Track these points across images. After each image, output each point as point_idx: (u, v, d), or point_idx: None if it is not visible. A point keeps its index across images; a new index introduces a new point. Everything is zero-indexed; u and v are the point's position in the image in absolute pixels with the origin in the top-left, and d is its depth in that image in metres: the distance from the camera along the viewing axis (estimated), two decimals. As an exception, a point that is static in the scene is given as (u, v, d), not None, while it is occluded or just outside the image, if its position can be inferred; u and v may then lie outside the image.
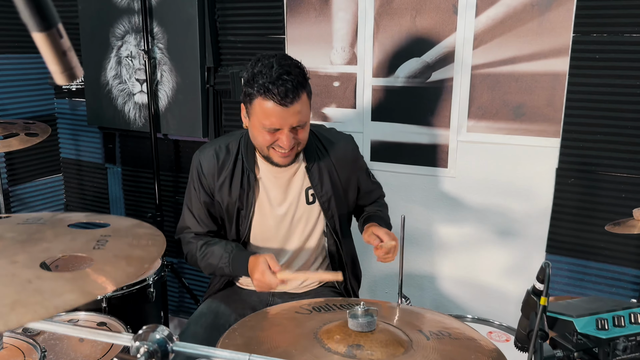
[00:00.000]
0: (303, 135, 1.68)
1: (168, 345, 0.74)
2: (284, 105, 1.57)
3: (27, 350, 1.53)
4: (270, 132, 1.63)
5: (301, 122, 1.63)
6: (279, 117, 1.59)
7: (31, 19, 0.49)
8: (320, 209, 1.85)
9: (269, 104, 1.58)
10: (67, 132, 3.33)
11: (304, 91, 1.62)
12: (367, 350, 0.99)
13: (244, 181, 1.79)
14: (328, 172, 1.84)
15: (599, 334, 0.95)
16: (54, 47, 0.52)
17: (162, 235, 0.89)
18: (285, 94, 1.56)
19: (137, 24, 2.77)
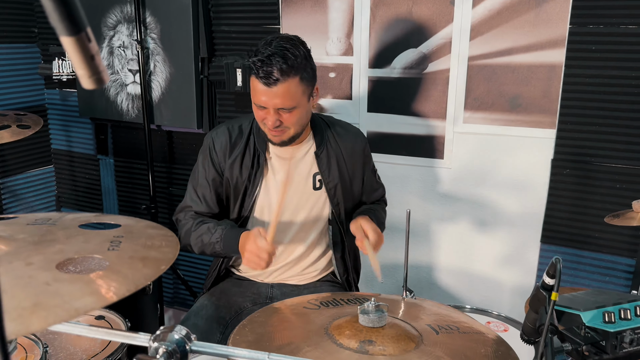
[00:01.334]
0: (290, 119, 1.68)
1: (187, 346, 0.73)
2: (267, 85, 1.61)
3: (28, 347, 1.52)
4: (260, 108, 1.68)
5: (285, 105, 1.64)
6: (264, 95, 1.64)
7: (60, 23, 0.48)
8: (326, 195, 1.86)
9: (256, 82, 1.64)
10: (58, 123, 3.28)
11: (296, 76, 1.63)
12: (379, 345, 1.00)
13: (254, 161, 1.82)
14: (336, 161, 1.86)
15: (606, 327, 0.97)
16: (83, 52, 0.51)
17: (175, 236, 0.89)
18: (268, 75, 1.60)
19: (130, 14, 2.73)
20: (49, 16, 0.48)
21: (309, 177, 1.86)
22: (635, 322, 0.98)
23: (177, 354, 0.72)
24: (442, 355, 0.98)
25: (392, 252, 2.64)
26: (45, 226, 0.86)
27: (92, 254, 0.77)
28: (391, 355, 0.97)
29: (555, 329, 0.91)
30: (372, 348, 0.99)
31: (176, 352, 0.72)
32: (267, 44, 1.65)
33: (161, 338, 0.73)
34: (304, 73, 1.66)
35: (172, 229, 3.20)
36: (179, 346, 0.73)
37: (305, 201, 1.87)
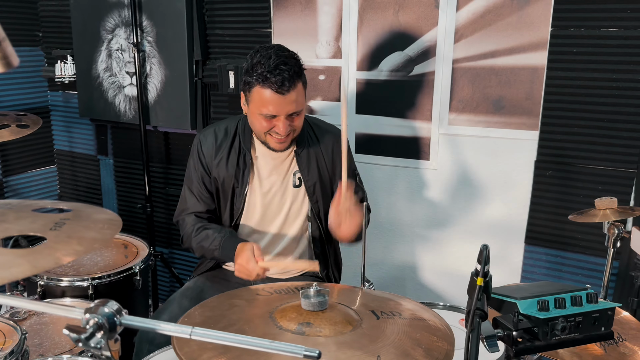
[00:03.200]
0: (298, 122, 1.78)
1: (116, 319, 0.78)
2: (281, 93, 1.67)
3: (8, 333, 1.59)
4: (268, 119, 1.73)
5: (297, 109, 1.73)
6: (276, 104, 1.69)
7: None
8: (305, 192, 1.91)
9: (266, 92, 1.68)
10: (61, 124, 3.38)
11: (300, 81, 1.72)
12: (316, 327, 1.04)
13: (240, 160, 1.89)
14: (316, 159, 1.92)
15: (539, 314, 0.99)
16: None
17: (120, 220, 0.94)
18: (282, 83, 1.66)
19: (127, 18, 2.81)
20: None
21: (289, 175, 1.92)
22: (570, 311, 1.01)
23: (105, 326, 0.77)
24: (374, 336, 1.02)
25: (379, 251, 2.67)
26: (2, 209, 0.92)
27: (33, 233, 0.82)
28: (325, 336, 1.01)
29: (485, 314, 0.94)
30: (309, 329, 1.03)
31: (105, 324, 0.77)
32: (266, 56, 1.70)
33: (93, 311, 0.78)
34: (303, 77, 1.77)
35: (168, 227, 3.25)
36: (109, 319, 0.78)
37: (286, 198, 1.92)
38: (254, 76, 1.69)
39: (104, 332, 0.77)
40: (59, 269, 2.32)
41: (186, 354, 0.94)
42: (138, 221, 3.21)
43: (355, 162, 2.19)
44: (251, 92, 1.73)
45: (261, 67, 1.68)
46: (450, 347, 1.02)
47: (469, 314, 0.94)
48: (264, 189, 1.92)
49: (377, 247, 2.67)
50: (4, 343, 1.53)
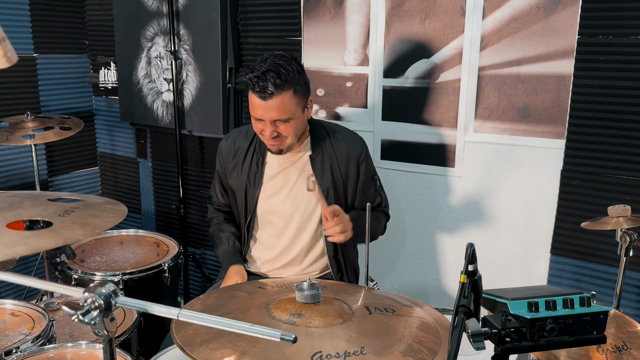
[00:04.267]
0: (286, 129, 1.81)
1: (112, 299, 0.85)
2: (263, 99, 1.74)
3: (37, 319, 1.69)
4: (257, 121, 1.81)
5: (281, 117, 1.77)
6: (260, 109, 1.76)
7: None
8: None
9: (253, 97, 1.77)
10: (104, 128, 3.55)
11: (289, 89, 1.75)
12: (307, 318, 1.08)
13: (253, 163, 1.99)
14: (330, 164, 1.96)
15: (527, 314, 1.00)
16: (-7, 37, 0.64)
17: (126, 210, 1.01)
18: (264, 90, 1.73)
19: (165, 27, 2.94)
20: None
21: (302, 179, 1.97)
22: (560, 313, 1.01)
23: (102, 305, 0.84)
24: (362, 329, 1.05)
25: (403, 257, 2.68)
26: (21, 198, 1.01)
27: (41, 217, 0.90)
28: (315, 327, 1.05)
29: (470, 311, 0.96)
30: (299, 320, 1.07)
31: (102, 304, 0.84)
32: (262, 61, 1.79)
33: (92, 290, 0.85)
34: (297, 87, 1.79)
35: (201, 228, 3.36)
36: (105, 299, 0.84)
37: (299, 202, 1.97)
38: (246, 79, 1.78)
39: (99, 311, 0.83)
40: (93, 264, 2.45)
41: (182, 338, 0.99)
42: (173, 222, 3.33)
43: (381, 168, 2.23)
44: (248, 94, 1.82)
45: (252, 71, 1.76)
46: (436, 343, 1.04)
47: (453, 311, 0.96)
48: (276, 192, 1.98)
49: (401, 253, 2.68)
50: (33, 328, 1.64)
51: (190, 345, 0.96)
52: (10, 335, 1.60)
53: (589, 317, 1.02)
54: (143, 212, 3.53)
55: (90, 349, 1.56)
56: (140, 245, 2.69)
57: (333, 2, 2.61)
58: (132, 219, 3.59)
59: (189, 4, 2.86)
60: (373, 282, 1.56)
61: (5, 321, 1.69)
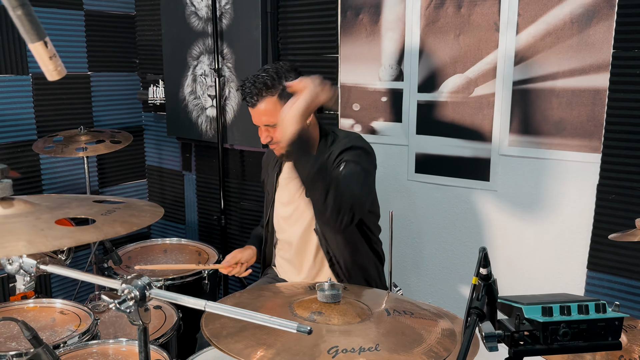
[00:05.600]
0: (276, 134, 1.89)
1: (146, 291, 0.94)
2: (248, 105, 1.89)
3: (84, 317, 1.81)
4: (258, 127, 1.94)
5: (269, 122, 1.87)
6: (252, 115, 1.91)
7: (27, 33, 0.71)
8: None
9: None
10: (152, 142, 3.73)
11: (271, 95, 1.84)
12: (327, 316, 1.14)
13: (273, 171, 2.13)
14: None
15: (541, 319, 1.03)
16: (46, 53, 0.74)
17: (162, 211, 1.10)
18: (245, 96, 1.88)
19: (210, 46, 3.09)
20: (21, 31, 0.71)
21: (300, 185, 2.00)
22: (574, 318, 1.03)
23: (137, 296, 0.92)
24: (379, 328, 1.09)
25: (437, 270, 2.70)
26: (69, 200, 1.11)
27: (86, 216, 0.99)
28: (333, 324, 1.10)
29: (482, 313, 0.99)
30: (319, 318, 1.13)
31: (137, 294, 0.92)
32: (255, 73, 1.92)
33: (129, 282, 0.94)
34: (282, 92, 1.85)
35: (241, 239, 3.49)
36: (140, 290, 0.93)
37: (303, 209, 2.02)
38: None
39: (135, 301, 0.92)
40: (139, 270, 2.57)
41: (210, 330, 1.07)
42: (214, 232, 3.45)
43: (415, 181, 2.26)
44: None
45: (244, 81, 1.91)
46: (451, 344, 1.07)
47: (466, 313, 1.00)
48: (287, 200, 2.08)
49: (435, 266, 2.70)
50: (79, 325, 1.75)
51: (217, 337, 1.03)
52: (59, 331, 1.73)
53: (603, 323, 1.04)
54: (187, 222, 3.67)
55: (130, 345, 1.66)
56: (183, 253, 2.81)
57: (369, 20, 2.69)
58: (176, 229, 3.73)
59: (232, 25, 3.00)
60: (397, 287, 1.60)
61: (55, 319, 1.82)
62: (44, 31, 0.72)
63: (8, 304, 1.84)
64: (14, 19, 0.70)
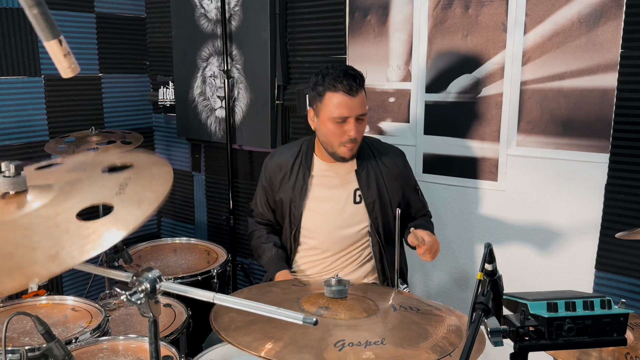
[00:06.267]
0: (362, 128, 1.95)
1: (157, 284, 0.95)
2: (351, 95, 1.88)
3: (95, 314, 1.84)
4: (339, 123, 1.90)
5: (364, 112, 1.93)
6: (347, 106, 1.88)
7: (43, 32, 0.73)
8: (365, 209, 2.03)
9: (338, 96, 1.89)
10: (162, 143, 3.77)
11: (363, 88, 1.93)
12: (334, 311, 1.15)
13: (299, 177, 2.08)
14: (375, 178, 2.04)
15: (546, 314, 1.04)
16: (61, 50, 0.76)
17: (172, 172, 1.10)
18: (351, 86, 1.87)
19: (219, 48, 3.12)
20: (36, 29, 0.74)
21: (350, 192, 2.05)
22: (579, 313, 1.04)
23: (147, 289, 0.94)
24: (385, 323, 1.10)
25: (445, 270, 2.70)
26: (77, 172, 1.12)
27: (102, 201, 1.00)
28: (340, 319, 1.12)
29: (487, 308, 1.00)
30: (326, 312, 1.15)
31: (147, 287, 0.94)
32: (332, 67, 1.93)
33: (139, 275, 0.96)
34: (364, 87, 1.97)
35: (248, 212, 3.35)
36: (150, 282, 0.95)
37: (345, 215, 2.05)
38: (325, 84, 1.90)
39: (145, 293, 0.94)
40: (148, 269, 2.60)
41: (219, 324, 1.09)
42: (223, 232, 3.47)
43: (423, 181, 2.30)
44: (322, 101, 1.92)
45: (329, 76, 1.89)
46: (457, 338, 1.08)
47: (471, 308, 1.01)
48: (323, 205, 2.06)
49: (444, 266, 2.70)
50: (90, 322, 1.78)
51: (226, 330, 1.05)
52: (71, 328, 1.75)
53: (608, 319, 1.04)
54: (196, 222, 3.70)
55: (140, 342, 1.68)
56: (192, 252, 2.83)
57: (377, 21, 2.71)
58: (186, 229, 3.76)
59: (241, 26, 3.03)
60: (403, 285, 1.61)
61: (67, 315, 1.85)
62: (59, 30, 0.74)
63: (21, 301, 1.88)
64: (30, 18, 0.73)
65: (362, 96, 1.91)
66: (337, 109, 1.89)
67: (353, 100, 1.88)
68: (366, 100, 1.96)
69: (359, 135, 1.93)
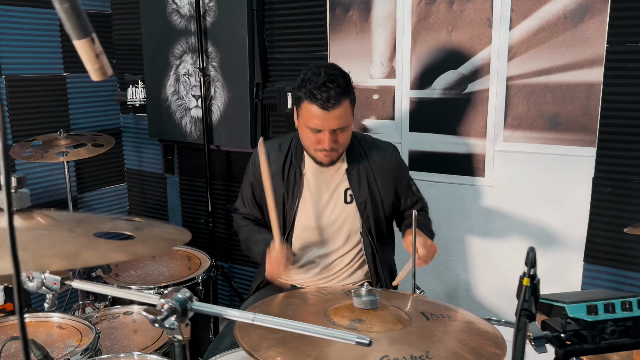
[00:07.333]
0: (343, 138, 1.86)
1: (188, 304, 0.87)
2: (326, 109, 1.77)
3: (84, 331, 1.72)
4: (314, 132, 1.83)
5: (341, 125, 1.81)
6: (321, 119, 1.79)
7: (73, 30, 0.64)
8: (357, 209, 1.98)
9: (313, 107, 1.79)
10: (131, 145, 3.61)
11: (347, 98, 1.80)
12: (368, 324, 1.10)
13: (290, 175, 1.99)
14: (366, 176, 1.98)
15: (587, 317, 1.01)
16: (91, 51, 0.67)
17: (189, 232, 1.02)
18: (327, 100, 1.76)
19: (194, 44, 3.00)
20: (65, 26, 0.65)
21: (340, 192, 1.99)
22: (620, 315, 1.02)
23: (178, 311, 0.86)
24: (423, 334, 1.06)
25: (433, 267, 2.68)
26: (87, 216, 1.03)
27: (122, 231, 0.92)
28: (377, 332, 1.07)
29: (532, 314, 0.97)
30: (361, 325, 1.09)
31: (178, 309, 0.86)
32: (316, 73, 1.81)
33: (167, 296, 0.87)
34: (352, 95, 1.85)
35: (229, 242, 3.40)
36: (181, 304, 0.87)
37: (338, 214, 1.99)
38: (303, 91, 1.80)
39: (177, 316, 0.86)
40: (128, 278, 2.48)
41: (247, 343, 1.01)
42: (201, 236, 3.36)
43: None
44: (300, 107, 1.84)
45: (310, 83, 1.79)
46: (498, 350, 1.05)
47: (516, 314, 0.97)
48: (314, 205, 1.99)
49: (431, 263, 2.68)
50: (80, 340, 1.66)
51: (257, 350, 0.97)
52: (60, 348, 1.63)
53: (648, 319, 1.03)
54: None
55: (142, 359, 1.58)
56: (173, 259, 2.72)
57: (359, 17, 2.66)
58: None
59: (216, 22, 2.92)
60: (420, 289, 1.58)
61: (53, 334, 1.72)
62: (91, 27, 0.66)
63: (3, 320, 1.74)
64: (59, 13, 0.64)
65: (340, 110, 1.78)
66: (311, 120, 1.81)
67: (327, 115, 1.77)
68: (351, 110, 1.85)
69: (336, 145, 1.85)
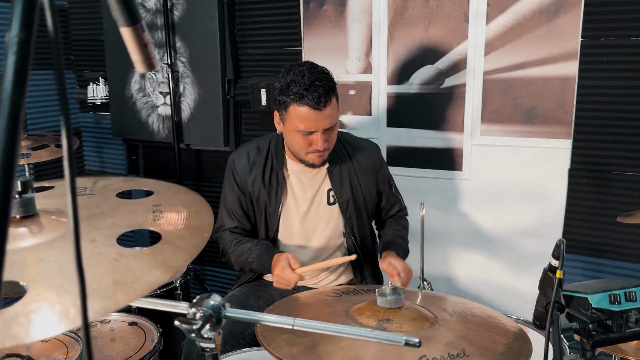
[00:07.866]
0: (333, 136, 1.82)
1: (222, 311, 0.82)
2: (318, 109, 1.70)
3: (69, 343, 1.62)
4: (305, 135, 1.75)
5: (332, 124, 1.77)
6: (313, 120, 1.72)
7: (121, 15, 0.58)
8: (339, 210, 1.94)
9: (303, 109, 1.71)
10: (91, 145, 3.45)
11: (334, 95, 1.77)
12: (397, 323, 1.07)
13: (272, 178, 1.91)
14: (348, 176, 1.94)
15: (612, 307, 1.02)
16: (138, 40, 0.61)
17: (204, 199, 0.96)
18: (318, 100, 1.70)
19: (161, 39, 2.89)
20: (113, 10, 0.58)
21: (323, 194, 1.95)
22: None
23: (213, 318, 0.80)
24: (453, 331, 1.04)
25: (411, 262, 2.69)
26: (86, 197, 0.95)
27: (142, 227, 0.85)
28: (407, 332, 1.04)
29: (562, 306, 0.97)
30: (390, 326, 1.06)
31: (212, 316, 0.80)
32: (299, 74, 1.73)
33: (198, 304, 0.81)
34: (336, 92, 1.81)
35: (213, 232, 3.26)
36: (215, 311, 0.81)
37: (321, 216, 1.95)
38: (290, 95, 1.71)
39: (211, 324, 0.80)
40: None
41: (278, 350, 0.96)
42: (170, 239, 3.25)
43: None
44: (287, 111, 1.75)
45: (296, 85, 1.71)
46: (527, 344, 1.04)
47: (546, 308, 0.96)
48: (297, 207, 1.94)
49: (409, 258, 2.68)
50: (67, 354, 1.56)
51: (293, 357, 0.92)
52: (45, 363, 1.52)
53: (667, 306, 1.04)
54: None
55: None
56: (146, 263, 2.61)
57: (334, 11, 2.62)
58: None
59: (185, 16, 2.82)
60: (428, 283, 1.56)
61: (31, 347, 1.61)
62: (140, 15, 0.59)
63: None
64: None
65: (330, 108, 1.74)
66: (302, 122, 1.73)
67: (320, 114, 1.71)
68: (337, 106, 1.81)
69: (328, 144, 1.80)
